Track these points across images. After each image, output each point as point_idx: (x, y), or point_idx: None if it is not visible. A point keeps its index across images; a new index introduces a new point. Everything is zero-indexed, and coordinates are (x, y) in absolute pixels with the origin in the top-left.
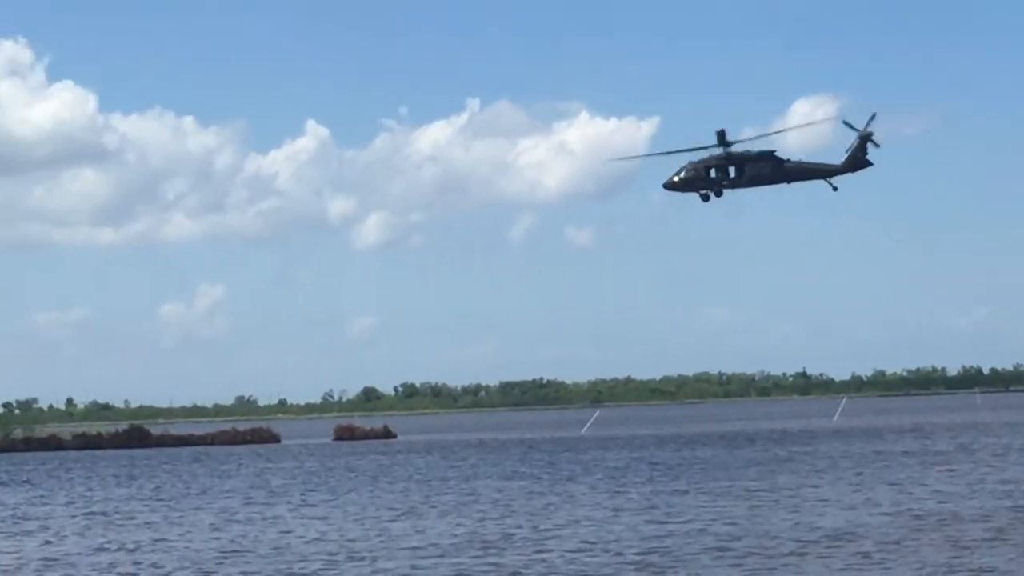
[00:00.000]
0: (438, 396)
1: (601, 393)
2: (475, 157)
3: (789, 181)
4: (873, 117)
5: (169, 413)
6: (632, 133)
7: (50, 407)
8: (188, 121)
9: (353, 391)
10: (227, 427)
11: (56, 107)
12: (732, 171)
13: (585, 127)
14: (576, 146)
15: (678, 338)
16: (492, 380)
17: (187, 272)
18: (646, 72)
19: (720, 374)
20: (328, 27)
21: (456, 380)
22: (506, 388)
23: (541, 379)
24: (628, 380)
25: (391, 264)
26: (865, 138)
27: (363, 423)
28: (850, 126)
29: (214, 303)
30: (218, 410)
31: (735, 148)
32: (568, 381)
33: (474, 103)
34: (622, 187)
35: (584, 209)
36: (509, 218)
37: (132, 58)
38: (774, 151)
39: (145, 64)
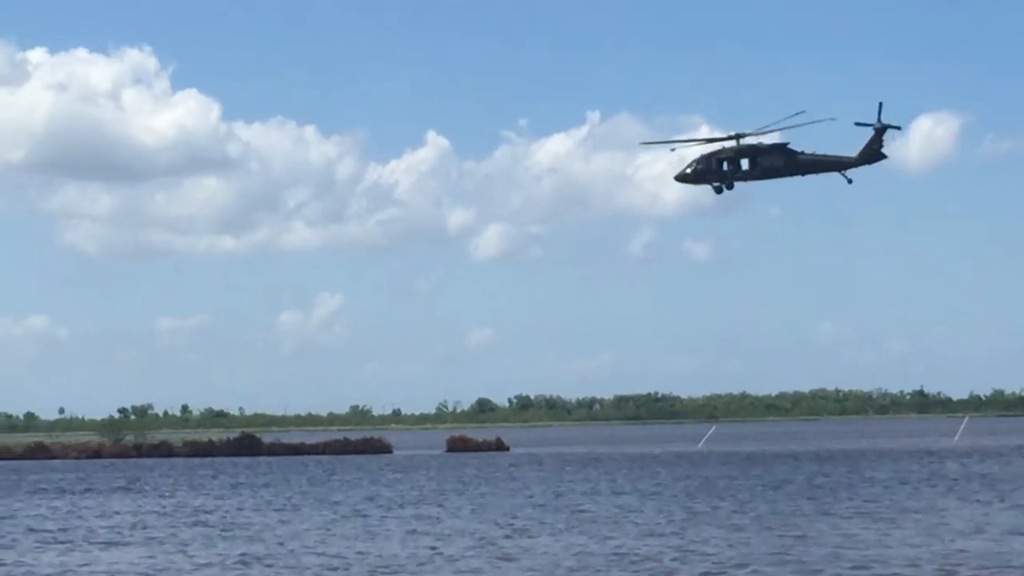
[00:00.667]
0: (552, 409)
1: (716, 408)
2: (595, 169)
3: (803, 174)
4: (898, 128)
5: (283, 421)
6: None
7: (165, 413)
8: (310, 130)
9: (467, 402)
10: (339, 436)
11: (180, 115)
12: (745, 163)
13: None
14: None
15: (794, 354)
16: (607, 393)
17: (306, 281)
18: (766, 85)
19: (836, 391)
20: (449, 38)
21: (570, 393)
22: (620, 402)
23: (656, 393)
24: (743, 395)
25: (509, 275)
26: (881, 130)
27: (476, 434)
28: (879, 114)
29: (332, 312)
30: (332, 419)
31: (748, 140)
32: (683, 396)
33: (594, 115)
34: (740, 202)
35: (702, 223)
36: (628, 231)
37: (255, 67)
38: (787, 143)
39: (268, 73)
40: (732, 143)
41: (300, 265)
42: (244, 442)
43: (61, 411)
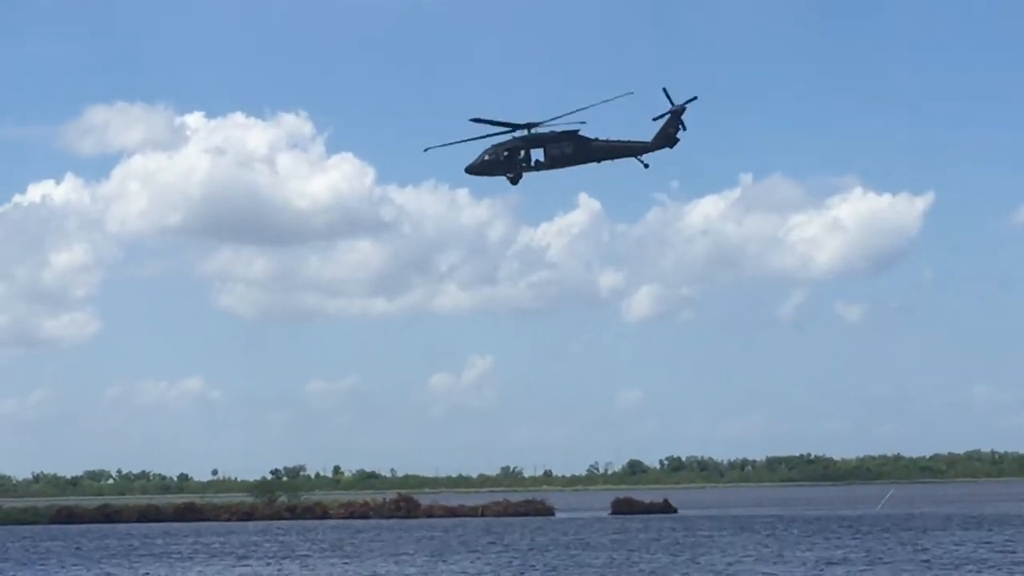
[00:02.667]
0: (704, 470)
1: (869, 470)
2: (747, 232)
3: (598, 160)
4: (693, 99)
5: (435, 483)
6: (906, 210)
7: (317, 475)
8: (462, 193)
9: (618, 464)
10: (498, 498)
11: (335, 179)
12: (538, 153)
13: (858, 203)
14: (849, 222)
15: (948, 415)
16: (758, 455)
17: (457, 343)
18: (923, 145)
19: (992, 452)
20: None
21: (721, 454)
22: (773, 463)
23: (809, 455)
24: (897, 457)
25: (660, 337)
26: (677, 113)
27: (642, 496)
28: (668, 97)
29: (483, 374)
30: (483, 480)
31: (540, 129)
32: (836, 457)
33: (747, 177)
34: (894, 263)
35: (855, 285)
36: (780, 293)
37: (408, 131)
38: (577, 130)
39: (421, 137)
40: (523, 132)
41: (451, 327)
42: (401, 504)
43: (214, 472)
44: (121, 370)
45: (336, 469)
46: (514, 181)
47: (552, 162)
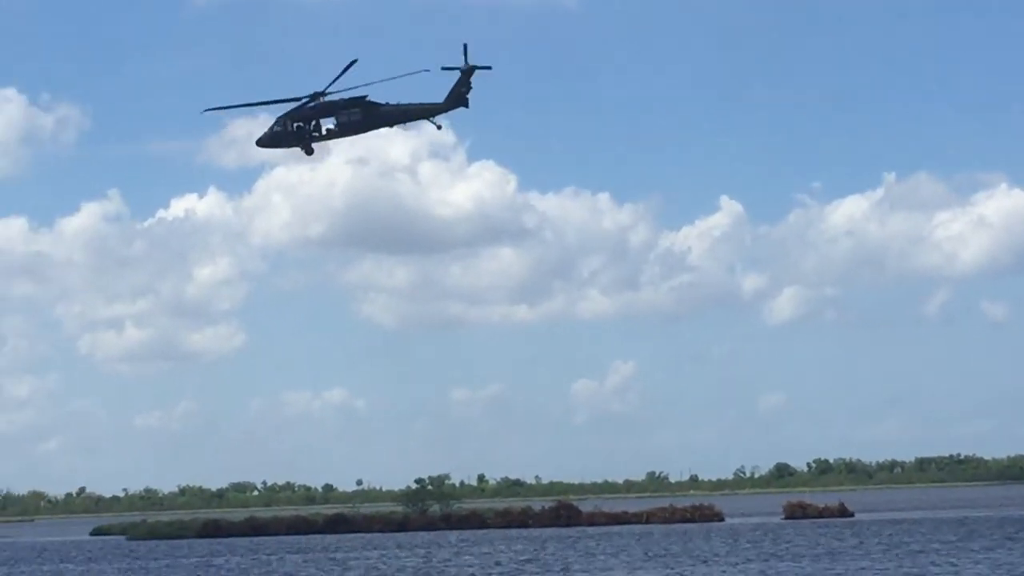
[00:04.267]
0: (852, 472)
1: (1021, 469)
2: (891, 231)
3: (390, 125)
4: (488, 68)
5: (580, 489)
6: None
7: (462, 483)
8: (603, 198)
9: (764, 467)
10: (664, 504)
11: (476, 187)
12: (329, 121)
13: (1005, 199)
14: (995, 218)
15: None
16: (905, 456)
17: (600, 348)
18: None
19: None
20: (740, 103)
21: (869, 456)
22: (923, 463)
23: (958, 455)
24: None
25: (803, 339)
26: (468, 72)
27: (815, 500)
28: (465, 55)
29: (626, 379)
30: (629, 486)
31: (330, 98)
32: (987, 457)
33: (890, 176)
34: None
35: (1001, 283)
36: (924, 292)
37: (548, 138)
38: (366, 96)
39: (561, 144)
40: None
41: (594, 333)
42: (561, 512)
43: (359, 482)
44: (265, 382)
45: (480, 477)
46: (308, 152)
47: (343, 130)
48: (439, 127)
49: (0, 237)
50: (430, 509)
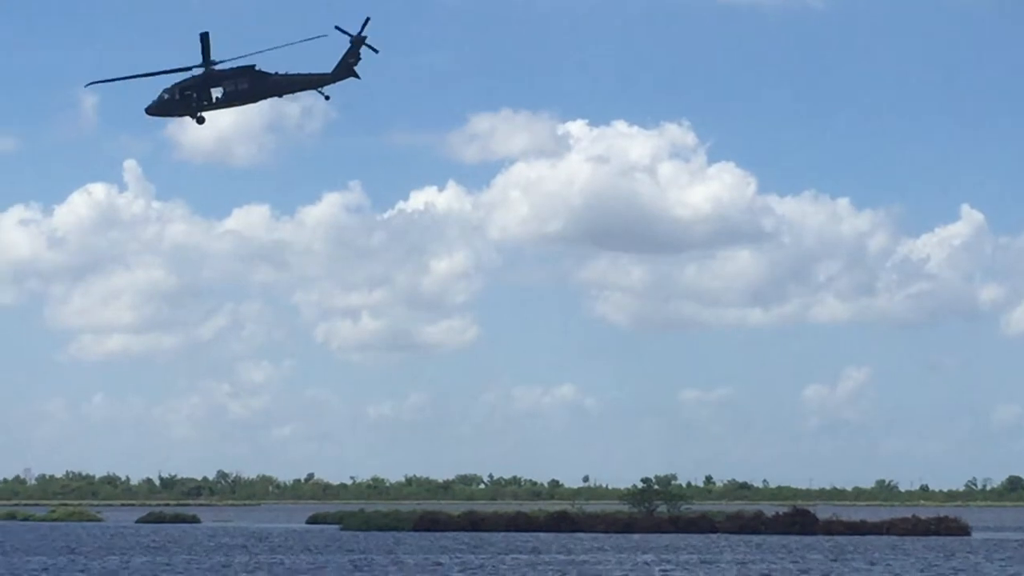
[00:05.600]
0: None
1: None
2: None
3: (279, 94)
4: (367, 21)
5: (808, 495)
6: None
7: (688, 484)
8: (843, 203)
9: (997, 479)
10: (906, 515)
11: (716, 189)
12: (218, 91)
13: None
14: None
15: None
16: None
17: (833, 354)
18: None
19: None
20: (981, 110)
21: None
22: None
23: None
24: None
25: None
26: (359, 43)
27: None
28: (343, 31)
29: (858, 386)
30: (857, 493)
31: (219, 67)
32: None
33: None
34: None
35: None
36: None
37: (789, 141)
38: (254, 65)
39: (802, 147)
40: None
41: (828, 338)
42: (796, 518)
43: (585, 479)
44: (497, 375)
45: (708, 479)
46: (198, 121)
47: (230, 99)
48: (327, 98)
49: (243, 224)
50: (657, 510)
